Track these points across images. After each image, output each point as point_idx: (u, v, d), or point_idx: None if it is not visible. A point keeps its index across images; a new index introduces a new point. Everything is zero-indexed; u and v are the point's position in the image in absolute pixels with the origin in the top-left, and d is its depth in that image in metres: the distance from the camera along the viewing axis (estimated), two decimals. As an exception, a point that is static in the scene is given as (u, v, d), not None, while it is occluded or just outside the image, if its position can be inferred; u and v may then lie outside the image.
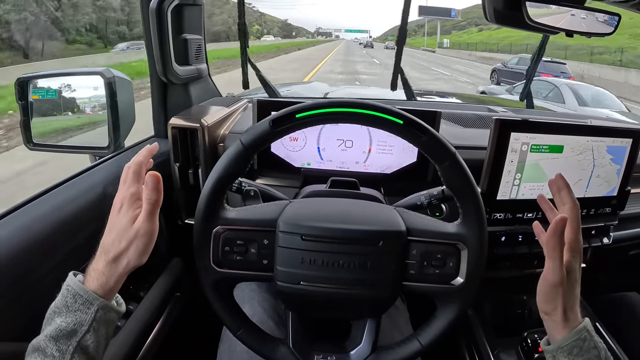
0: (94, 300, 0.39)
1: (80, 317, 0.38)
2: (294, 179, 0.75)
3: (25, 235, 0.52)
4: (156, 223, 0.43)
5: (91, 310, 0.39)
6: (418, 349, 0.48)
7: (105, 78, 0.76)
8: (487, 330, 0.80)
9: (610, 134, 0.72)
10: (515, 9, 0.66)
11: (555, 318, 0.44)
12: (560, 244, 0.44)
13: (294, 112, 0.44)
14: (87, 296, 0.39)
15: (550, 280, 0.44)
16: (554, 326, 0.45)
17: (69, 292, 0.40)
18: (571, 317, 0.44)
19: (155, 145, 0.48)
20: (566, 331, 0.44)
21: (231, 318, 0.49)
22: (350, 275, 0.45)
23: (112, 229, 0.43)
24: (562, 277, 0.44)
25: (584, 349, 0.42)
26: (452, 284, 0.47)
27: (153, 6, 0.72)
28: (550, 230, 0.44)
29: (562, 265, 0.44)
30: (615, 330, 0.84)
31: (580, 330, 0.43)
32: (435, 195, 0.59)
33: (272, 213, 0.47)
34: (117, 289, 0.42)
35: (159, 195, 0.43)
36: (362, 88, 1.42)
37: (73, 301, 0.39)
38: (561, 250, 0.44)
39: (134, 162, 0.45)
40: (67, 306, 0.39)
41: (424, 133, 0.44)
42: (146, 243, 0.42)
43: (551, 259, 0.44)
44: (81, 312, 0.39)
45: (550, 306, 0.44)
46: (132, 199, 0.43)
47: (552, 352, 0.44)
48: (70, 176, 0.67)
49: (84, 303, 0.39)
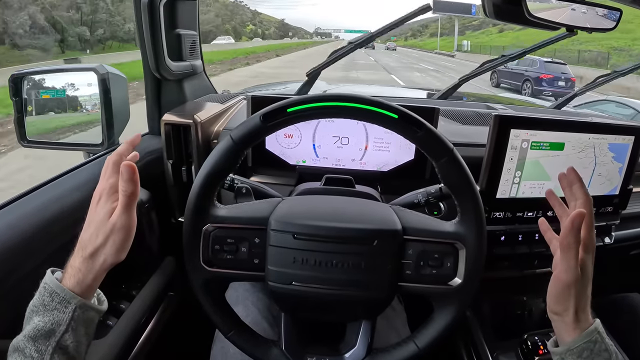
0: (71, 299, 0.38)
1: (57, 317, 0.37)
2: (289, 176, 0.74)
3: (14, 232, 0.51)
4: (133, 217, 0.41)
5: (68, 309, 0.38)
6: (414, 352, 0.47)
7: (99, 74, 0.75)
8: (486, 332, 0.78)
9: (612, 131, 0.71)
10: (514, 4, 0.65)
11: (566, 319, 0.42)
12: (576, 242, 0.41)
13: (285, 107, 0.43)
14: (64, 294, 0.38)
15: (564, 280, 0.41)
16: (563, 327, 0.42)
17: (46, 290, 0.38)
18: (582, 318, 0.42)
19: (138, 136, 0.46)
20: (576, 333, 0.41)
21: (222, 319, 0.48)
22: (344, 276, 0.44)
23: (90, 223, 0.41)
24: (577, 276, 0.41)
25: (595, 352, 0.40)
26: (450, 284, 0.45)
27: (145, 0, 0.70)
28: (567, 226, 0.41)
29: (577, 264, 0.41)
30: (617, 332, 0.83)
31: (591, 332, 0.41)
32: (432, 193, 0.58)
33: (263, 211, 0.46)
34: (95, 286, 0.41)
35: (135, 187, 0.41)
36: (362, 86, 1.41)
37: (50, 300, 0.38)
38: (577, 248, 0.41)
39: (114, 152, 0.44)
40: (45, 305, 0.38)
41: (420, 128, 0.43)
42: (123, 238, 0.40)
43: (565, 257, 0.41)
44: (58, 311, 0.37)
45: (562, 307, 0.42)
46: (110, 191, 0.42)
47: (560, 355, 0.42)
48: (61, 173, 0.66)
49: (61, 302, 0.38)
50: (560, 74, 8.83)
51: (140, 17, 0.72)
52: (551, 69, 8.97)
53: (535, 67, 9.11)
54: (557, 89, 8.49)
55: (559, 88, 8.51)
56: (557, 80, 8.72)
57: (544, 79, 8.80)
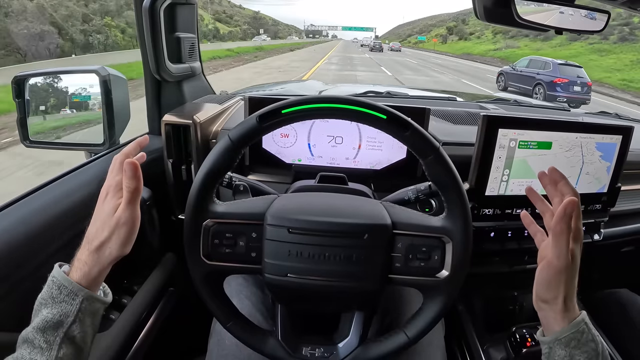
0: (79, 291, 0.40)
1: (65, 308, 0.39)
2: (285, 174, 0.76)
3: (22, 229, 0.53)
4: (137, 212, 0.43)
5: (76, 301, 0.39)
6: (404, 342, 0.49)
7: (101, 76, 0.77)
8: (477, 326, 0.81)
9: (599, 130, 0.73)
10: (504, 7, 0.67)
11: (555, 307, 0.43)
12: (568, 229, 0.42)
13: (280, 108, 0.45)
14: (71, 287, 0.40)
15: (555, 265, 0.42)
16: (552, 316, 0.43)
17: (54, 284, 0.40)
18: (570, 307, 0.43)
19: (146, 138, 0.48)
20: (565, 322, 0.42)
21: (221, 310, 0.50)
22: (337, 268, 0.46)
23: (96, 218, 0.43)
24: (568, 262, 0.42)
25: (582, 342, 0.41)
26: (438, 277, 0.48)
27: (146, 5, 0.72)
28: (560, 212, 0.42)
29: (568, 250, 0.42)
30: (606, 327, 0.85)
31: (578, 322, 0.42)
32: (422, 190, 0.60)
33: (260, 207, 0.48)
34: (101, 279, 0.43)
35: (138, 183, 0.43)
36: (357, 86, 1.43)
37: (58, 292, 0.40)
38: (568, 235, 0.42)
39: (121, 152, 0.46)
40: (53, 297, 0.39)
41: (407, 128, 0.45)
42: (128, 232, 0.42)
43: (558, 243, 0.42)
44: (66, 303, 0.39)
45: (552, 294, 0.43)
46: (116, 187, 0.44)
47: (548, 344, 0.43)
48: (65, 172, 0.68)
49: (69, 294, 0.40)
50: (575, 78, 7.98)
51: (141, 21, 0.74)
52: (566, 72, 8.09)
53: (549, 69, 8.29)
54: (572, 94, 7.76)
55: (575, 93, 7.80)
56: (572, 85, 7.90)
57: (558, 84, 7.97)
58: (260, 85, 1.60)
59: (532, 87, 8.51)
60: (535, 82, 8.48)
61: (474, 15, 0.72)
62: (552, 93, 7.99)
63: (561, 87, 7.97)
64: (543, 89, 8.24)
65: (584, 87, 7.99)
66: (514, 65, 9.95)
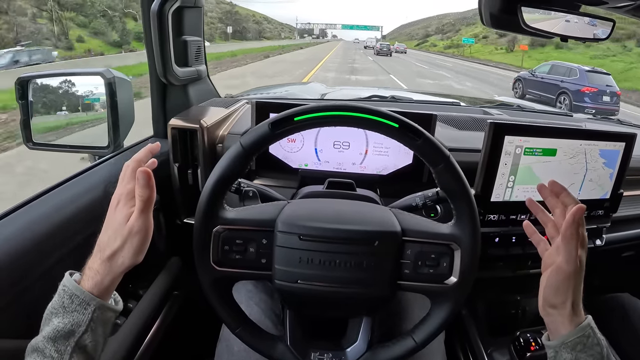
0: (91, 301, 0.39)
1: (77, 318, 0.39)
2: (291, 179, 0.76)
3: (28, 235, 0.53)
4: (150, 220, 0.43)
5: (88, 310, 0.39)
6: (412, 347, 0.49)
7: (106, 78, 0.76)
8: (480, 330, 0.81)
9: (602, 137, 0.73)
10: (511, 14, 0.68)
11: (563, 312, 0.43)
12: (577, 234, 0.43)
13: (293, 115, 0.45)
14: (83, 296, 0.39)
15: (565, 270, 0.43)
16: (560, 320, 0.44)
17: (65, 293, 0.40)
18: (577, 311, 0.44)
19: (157, 145, 0.48)
20: (571, 326, 0.43)
21: (230, 316, 0.50)
22: (347, 274, 0.47)
23: (108, 226, 0.43)
24: (577, 267, 0.43)
25: (588, 346, 0.42)
26: (446, 283, 0.48)
27: (154, 8, 0.72)
28: (569, 219, 0.43)
29: (577, 255, 0.43)
30: (608, 332, 0.86)
31: (584, 326, 0.43)
32: (430, 196, 0.60)
33: (270, 213, 0.49)
34: (113, 287, 0.42)
35: (151, 192, 0.42)
36: (360, 90, 1.43)
37: (70, 302, 0.39)
38: (577, 240, 0.44)
39: (132, 159, 0.45)
40: (64, 307, 0.39)
41: (419, 137, 0.45)
42: (141, 241, 0.42)
43: (567, 248, 0.43)
44: (78, 312, 0.39)
45: (560, 299, 0.44)
46: (128, 196, 0.43)
47: (555, 348, 0.44)
48: (70, 176, 0.68)
49: (81, 303, 0.39)
50: (604, 87, 7.07)
51: (148, 25, 0.74)
52: (594, 80, 7.12)
53: (575, 77, 7.34)
54: (600, 104, 6.91)
55: (603, 104, 6.95)
56: (601, 95, 7.05)
57: (586, 93, 7.05)
58: (263, 87, 1.60)
59: (556, 96, 7.60)
60: (560, 91, 7.51)
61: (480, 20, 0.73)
62: (579, 103, 7.10)
63: (589, 97, 7.07)
64: (568, 99, 7.33)
65: (613, 96, 7.14)
66: (533, 70, 8.80)
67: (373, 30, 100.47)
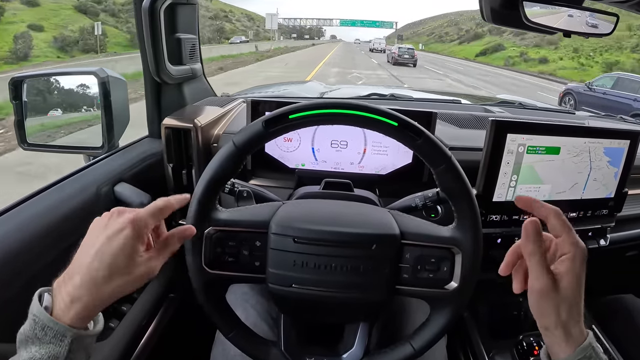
0: (66, 332, 0.35)
1: (54, 350, 0.35)
2: (288, 179, 0.75)
3: (19, 236, 0.52)
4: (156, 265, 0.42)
5: (65, 342, 0.35)
6: (411, 353, 0.48)
7: (99, 78, 0.75)
8: (482, 333, 0.80)
9: (607, 135, 0.72)
10: (512, 9, 0.66)
11: (556, 333, 0.39)
12: (539, 248, 0.39)
13: (287, 113, 0.44)
14: (57, 328, 0.35)
15: (535, 288, 0.39)
16: (555, 342, 0.40)
17: (37, 324, 0.35)
18: (574, 332, 0.39)
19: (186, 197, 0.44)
20: (570, 348, 0.38)
21: (223, 320, 0.48)
22: (343, 279, 0.45)
23: (102, 251, 0.37)
24: (548, 284, 0.39)
25: None
26: (446, 288, 0.46)
27: (146, 5, 0.71)
28: (522, 235, 0.40)
29: (544, 271, 0.39)
30: (612, 333, 0.84)
31: (585, 348, 0.38)
32: (430, 197, 0.59)
33: (264, 215, 0.47)
34: (96, 314, 0.38)
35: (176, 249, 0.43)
36: (360, 88, 1.42)
37: (43, 334, 0.35)
38: (540, 254, 0.40)
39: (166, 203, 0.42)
40: (38, 338, 0.35)
41: (419, 136, 0.44)
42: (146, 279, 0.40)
43: (531, 267, 0.40)
44: (54, 344, 0.35)
45: (548, 320, 0.39)
46: (144, 229, 0.40)
47: None
48: (63, 176, 0.67)
49: (55, 336, 0.35)
50: None
51: (140, 22, 0.72)
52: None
53: None
54: None
55: None
56: None
57: None
58: (261, 86, 1.59)
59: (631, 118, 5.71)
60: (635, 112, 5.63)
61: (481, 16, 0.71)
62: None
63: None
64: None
65: None
66: (590, 83, 7.08)
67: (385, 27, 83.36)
